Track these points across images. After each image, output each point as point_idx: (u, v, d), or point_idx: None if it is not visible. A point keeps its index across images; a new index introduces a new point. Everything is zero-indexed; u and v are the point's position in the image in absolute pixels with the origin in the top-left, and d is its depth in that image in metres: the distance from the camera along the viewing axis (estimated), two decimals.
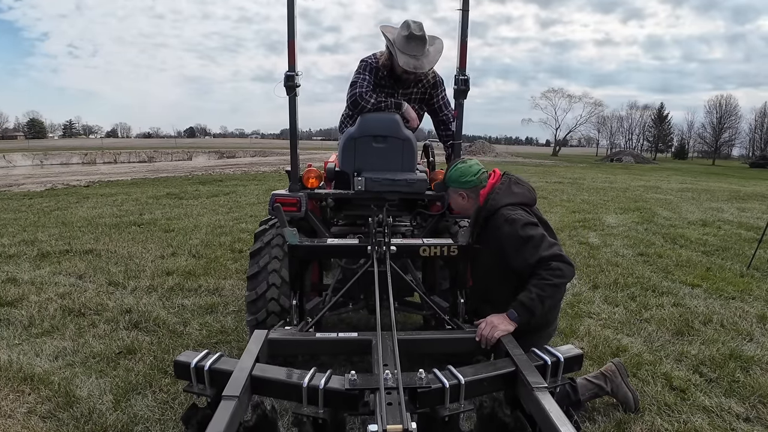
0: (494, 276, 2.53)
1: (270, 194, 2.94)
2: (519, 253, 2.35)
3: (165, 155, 43.76)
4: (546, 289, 2.24)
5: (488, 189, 2.55)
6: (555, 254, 2.28)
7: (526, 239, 2.33)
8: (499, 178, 2.61)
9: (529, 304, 2.23)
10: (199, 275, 5.14)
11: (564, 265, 2.27)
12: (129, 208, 9.75)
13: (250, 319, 2.87)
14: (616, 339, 3.76)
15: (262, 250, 2.88)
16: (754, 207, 12.89)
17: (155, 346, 3.50)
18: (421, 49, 3.04)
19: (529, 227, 2.36)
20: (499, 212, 2.44)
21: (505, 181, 2.58)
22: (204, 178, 16.80)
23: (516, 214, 2.40)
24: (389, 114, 3.03)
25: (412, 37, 3.00)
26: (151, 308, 4.20)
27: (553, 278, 2.24)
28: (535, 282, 2.27)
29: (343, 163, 3.01)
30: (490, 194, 2.52)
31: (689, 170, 38.62)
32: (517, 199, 2.51)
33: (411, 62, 3.04)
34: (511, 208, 2.45)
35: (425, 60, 3.09)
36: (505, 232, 2.37)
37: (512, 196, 2.52)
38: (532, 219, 2.42)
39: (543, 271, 2.26)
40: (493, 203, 2.47)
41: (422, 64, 3.10)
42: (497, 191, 2.51)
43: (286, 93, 2.69)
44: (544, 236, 2.36)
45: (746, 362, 3.46)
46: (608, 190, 16.13)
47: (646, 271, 5.81)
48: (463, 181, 2.59)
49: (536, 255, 2.28)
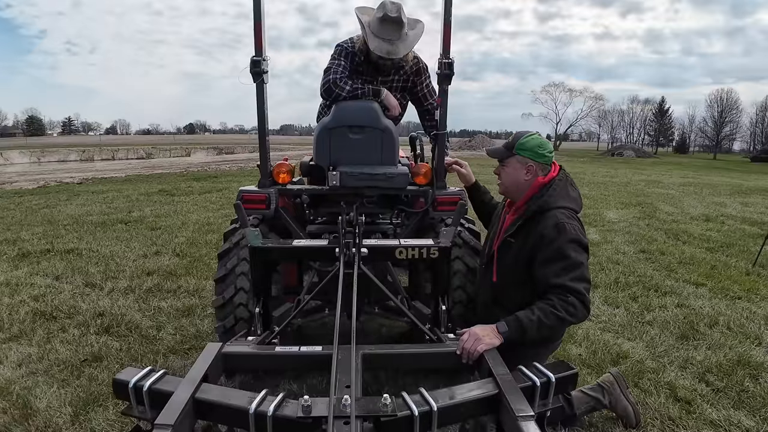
0: (516, 276, 2.27)
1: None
2: (546, 265, 2.11)
3: (163, 152, 43.47)
4: (550, 317, 2.01)
5: (547, 180, 2.28)
6: (578, 290, 2.04)
7: (564, 256, 2.08)
8: (558, 172, 2.34)
9: (525, 323, 2.00)
10: (180, 275, 4.92)
11: (580, 305, 2.04)
12: (118, 206, 9.53)
13: (218, 325, 2.65)
14: (617, 344, 3.53)
15: (231, 251, 2.65)
16: (757, 202, 12.65)
17: (123, 353, 3.28)
18: (396, 33, 2.75)
19: (577, 247, 2.11)
20: (553, 212, 2.18)
21: (562, 178, 2.32)
22: (199, 175, 16.56)
23: (571, 224, 2.15)
24: (367, 102, 2.75)
25: (387, 20, 2.71)
26: (126, 311, 3.98)
27: (562, 311, 2.01)
28: (542, 305, 2.03)
29: (318, 157, 2.75)
30: (547, 187, 2.25)
31: (690, 164, 38.33)
32: (573, 204, 2.26)
33: (384, 47, 2.75)
34: (568, 214, 2.19)
35: (401, 45, 2.79)
36: (548, 235, 2.12)
37: (568, 198, 2.26)
38: (584, 239, 2.16)
39: (556, 298, 2.03)
40: (549, 199, 2.21)
41: (396, 50, 2.80)
42: (555, 186, 2.25)
43: (252, 80, 2.44)
44: (583, 265, 2.11)
45: (755, 369, 3.23)
46: (609, 185, 15.89)
47: (648, 270, 5.57)
48: (539, 153, 2.28)
49: (561, 278, 2.05)
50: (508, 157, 2.35)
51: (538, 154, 2.27)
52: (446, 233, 2.23)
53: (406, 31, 2.78)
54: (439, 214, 2.69)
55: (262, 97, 2.52)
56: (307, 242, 2.20)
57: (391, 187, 2.67)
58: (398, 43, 2.76)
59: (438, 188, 2.69)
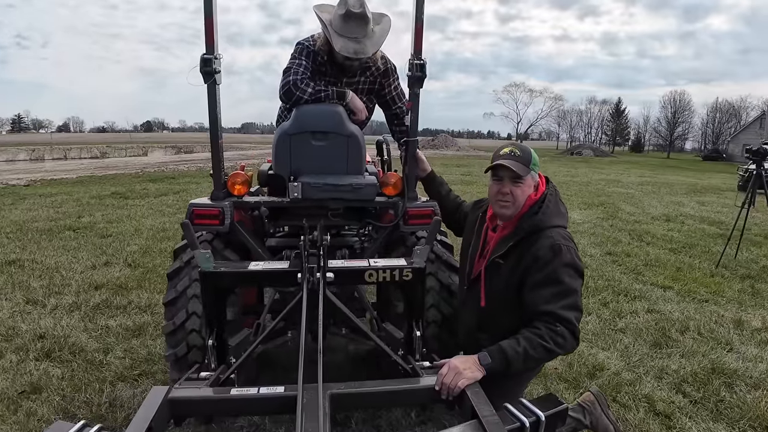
0: (506, 301, 2.07)
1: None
2: (537, 289, 1.93)
3: (119, 150, 42.02)
4: (537, 349, 1.83)
5: (538, 196, 2.08)
6: (569, 320, 1.87)
7: (557, 281, 1.90)
8: (547, 185, 2.15)
9: (510, 355, 1.82)
10: (131, 289, 4.59)
11: (570, 336, 1.87)
12: (67, 210, 8.99)
13: (169, 353, 2.39)
14: (592, 354, 3.43)
15: (181, 270, 2.40)
16: (712, 200, 13.01)
17: (66, 382, 2.98)
18: (362, 30, 2.51)
19: (571, 272, 1.94)
20: (548, 232, 2.00)
21: (552, 192, 2.13)
22: (155, 176, 15.94)
23: (567, 246, 1.97)
24: (331, 106, 2.51)
25: (351, 16, 2.47)
26: (70, 332, 3.65)
27: (551, 342, 1.84)
28: (529, 335, 1.85)
29: (278, 165, 2.50)
30: (540, 203, 2.06)
31: (646, 163, 39.46)
32: (564, 222, 2.09)
33: (351, 46, 2.50)
34: (564, 234, 2.02)
35: (368, 42, 2.55)
36: (543, 258, 1.94)
37: (560, 215, 2.08)
38: (580, 264, 1.98)
39: (545, 327, 1.85)
40: (544, 217, 2.02)
41: (364, 48, 2.53)
42: (548, 203, 2.06)
43: (203, 80, 2.19)
44: (576, 293, 1.93)
45: (730, 377, 3.18)
46: (570, 184, 16.09)
47: (616, 273, 5.55)
48: (539, 165, 2.13)
49: (552, 305, 1.87)
50: (527, 174, 2.07)
51: (538, 167, 2.12)
52: (420, 252, 2.02)
53: (372, 27, 2.54)
54: (410, 227, 2.48)
55: (215, 98, 2.26)
56: (266, 265, 1.95)
57: (358, 199, 2.44)
58: (365, 40, 2.52)
59: (409, 199, 2.48)
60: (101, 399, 2.81)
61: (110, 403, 2.78)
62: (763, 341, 3.79)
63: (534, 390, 2.89)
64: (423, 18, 2.23)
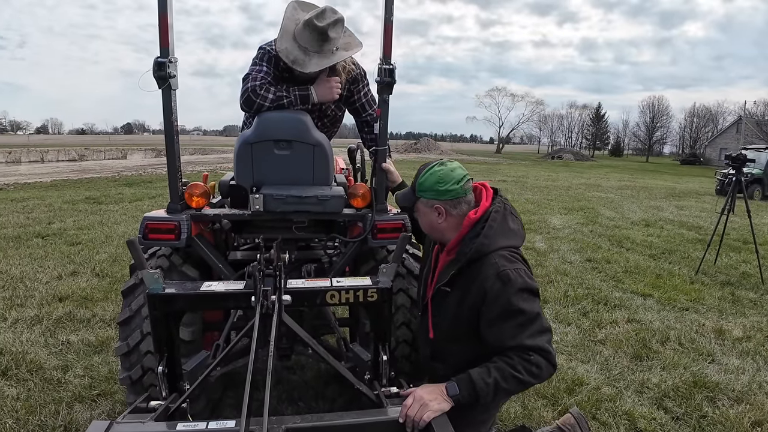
0: (455, 333, 1.92)
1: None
2: (496, 325, 1.76)
3: (98, 153, 41.15)
4: (509, 380, 1.69)
5: (479, 215, 1.88)
6: (541, 347, 1.71)
7: (515, 312, 1.73)
8: (491, 201, 1.94)
9: (479, 386, 1.68)
10: (96, 300, 4.40)
11: (545, 364, 1.72)
12: (38, 216, 8.72)
13: (123, 376, 2.24)
14: (571, 368, 3.35)
15: (137, 288, 2.24)
16: (690, 205, 13.13)
17: (21, 403, 2.80)
18: (316, 45, 2.32)
19: (527, 296, 1.76)
20: (492, 258, 1.80)
21: (499, 209, 1.91)
22: (132, 180, 15.62)
23: (516, 269, 1.78)
24: (295, 113, 2.35)
25: (311, 26, 2.29)
26: (29, 347, 3.47)
27: (524, 373, 1.69)
28: (500, 365, 1.70)
29: (239, 176, 2.34)
30: (481, 224, 1.86)
31: (626, 167, 39.93)
32: (513, 241, 1.88)
33: (292, 53, 2.32)
34: (509, 256, 1.82)
35: (315, 59, 2.34)
36: (492, 289, 1.76)
37: (509, 234, 1.88)
38: (533, 284, 1.80)
39: (516, 358, 1.70)
40: (486, 240, 1.82)
41: (306, 62, 2.33)
42: (490, 223, 1.85)
43: (157, 85, 2.05)
44: (539, 316, 1.77)
45: (712, 391, 3.12)
46: (551, 189, 16.14)
47: (596, 280, 5.49)
48: (442, 190, 1.88)
49: (518, 338, 1.72)
50: (415, 202, 1.97)
51: (439, 192, 1.88)
52: (386, 271, 1.89)
53: (334, 48, 2.37)
54: (379, 242, 2.34)
55: (170, 105, 2.10)
56: (219, 287, 1.81)
57: (324, 212, 2.30)
58: (314, 55, 2.34)
59: (378, 212, 2.35)
60: (56, 422, 2.64)
61: (65, 427, 2.61)
62: (745, 351, 3.74)
63: (511, 407, 2.79)
64: (392, 20, 2.10)
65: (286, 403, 2.86)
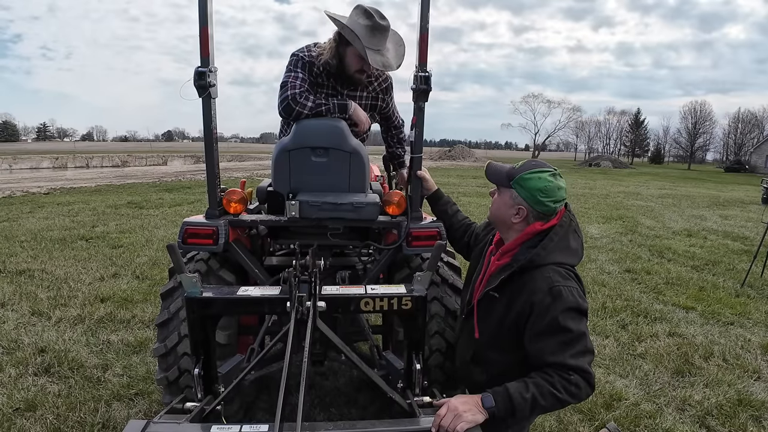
0: (499, 339, 1.89)
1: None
2: (541, 339, 1.73)
3: (139, 159, 42.58)
4: (548, 398, 1.64)
5: (545, 227, 1.86)
6: (582, 368, 1.67)
7: (561, 329, 1.69)
8: (560, 217, 1.90)
9: (517, 401, 1.64)
10: (136, 302, 4.52)
11: (585, 384, 1.67)
12: (83, 219, 9.04)
13: (160, 377, 2.29)
14: (609, 382, 3.26)
15: (175, 291, 2.30)
16: (735, 214, 12.66)
17: (62, 400, 2.90)
18: (385, 43, 2.38)
19: (575, 315, 1.71)
20: (546, 271, 1.77)
21: (564, 224, 1.87)
22: (172, 185, 16.04)
23: (568, 287, 1.74)
24: (332, 120, 2.38)
25: (378, 28, 2.33)
26: (71, 346, 3.59)
27: (563, 391, 1.65)
28: (539, 381, 1.67)
29: (276, 182, 2.38)
30: (542, 236, 1.84)
31: (666, 175, 38.81)
32: (570, 259, 1.83)
33: (378, 59, 2.36)
34: (564, 272, 1.78)
35: (390, 56, 2.42)
36: (541, 303, 1.73)
37: (567, 251, 1.83)
38: (584, 303, 1.74)
39: (556, 376, 1.66)
40: (543, 252, 1.79)
41: (390, 62, 2.40)
42: (552, 236, 1.83)
43: (197, 94, 2.10)
44: (584, 336, 1.72)
45: (757, 410, 2.99)
46: (589, 197, 15.80)
47: (636, 292, 5.34)
48: (539, 200, 1.82)
49: (559, 356, 1.68)
50: (505, 186, 1.95)
51: (536, 200, 1.83)
52: (421, 279, 1.87)
53: (388, 43, 2.42)
54: (414, 249, 2.34)
55: (210, 113, 2.16)
56: (255, 291, 1.84)
57: (359, 219, 2.30)
58: (387, 54, 2.40)
59: (413, 220, 2.34)
60: (95, 419, 2.72)
61: (103, 424, 2.69)
62: None
63: (546, 422, 2.73)
64: (428, 27, 2.10)
65: (318, 408, 2.88)
